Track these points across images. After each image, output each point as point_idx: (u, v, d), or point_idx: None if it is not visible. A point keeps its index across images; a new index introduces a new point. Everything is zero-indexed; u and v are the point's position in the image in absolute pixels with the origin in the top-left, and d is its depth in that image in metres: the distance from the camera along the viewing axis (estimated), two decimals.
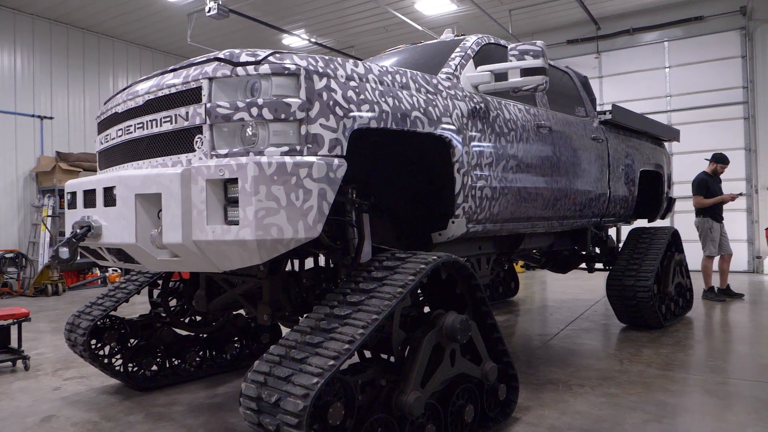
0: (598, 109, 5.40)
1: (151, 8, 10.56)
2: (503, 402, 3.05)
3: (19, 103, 10.39)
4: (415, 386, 2.49)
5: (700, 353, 4.54)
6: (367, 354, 2.75)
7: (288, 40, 12.55)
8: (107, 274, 10.45)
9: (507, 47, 3.67)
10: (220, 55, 2.49)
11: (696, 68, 10.98)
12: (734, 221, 9.96)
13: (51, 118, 10.85)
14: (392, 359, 2.63)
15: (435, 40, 4.36)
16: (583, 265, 6.11)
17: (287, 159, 2.31)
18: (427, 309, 2.91)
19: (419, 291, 2.92)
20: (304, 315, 2.66)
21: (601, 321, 5.97)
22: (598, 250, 6.00)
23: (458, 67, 3.58)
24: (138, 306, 6.48)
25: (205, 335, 4.27)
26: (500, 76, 3.49)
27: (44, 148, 10.70)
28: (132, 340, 3.93)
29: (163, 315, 4.01)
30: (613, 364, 4.24)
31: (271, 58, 2.44)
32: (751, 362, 4.23)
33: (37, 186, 10.47)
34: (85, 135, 11.43)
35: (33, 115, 10.58)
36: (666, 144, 6.81)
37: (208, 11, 9.33)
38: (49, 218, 9.92)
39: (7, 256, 9.54)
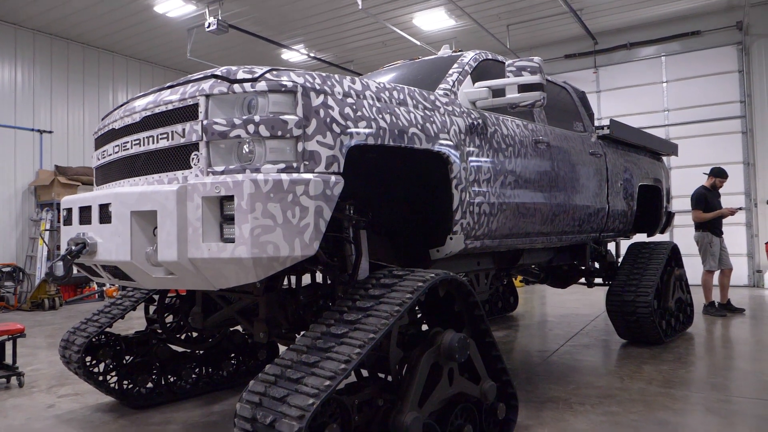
0: (596, 123, 5.40)
1: (152, 23, 10.64)
2: (502, 421, 3.01)
3: (18, 116, 10.42)
4: (412, 406, 2.45)
5: (701, 370, 4.50)
6: (364, 373, 2.72)
7: (287, 55, 12.63)
8: (105, 288, 10.41)
9: (504, 63, 3.68)
10: (217, 72, 2.49)
11: (693, 83, 11.04)
12: (734, 235, 9.95)
13: (50, 132, 10.88)
14: (389, 378, 2.59)
15: (433, 56, 4.37)
16: (583, 280, 6.08)
17: (284, 176, 2.30)
18: (425, 326, 2.88)
19: (417, 308, 2.89)
20: (301, 333, 2.63)
21: (601, 336, 5.93)
22: (597, 265, 5.98)
23: (456, 83, 3.58)
24: (135, 320, 6.43)
25: (201, 352, 4.22)
26: (498, 92, 3.49)
27: (43, 161, 10.72)
28: (127, 357, 3.89)
29: (159, 331, 3.97)
30: (614, 381, 4.20)
31: (268, 75, 2.44)
32: (754, 379, 4.19)
33: (36, 200, 10.47)
34: (84, 149, 11.46)
35: (32, 129, 10.61)
36: (664, 158, 6.82)
37: (208, 26, 9.41)
38: (47, 232, 9.90)
39: (4, 270, 9.50)
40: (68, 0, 9.50)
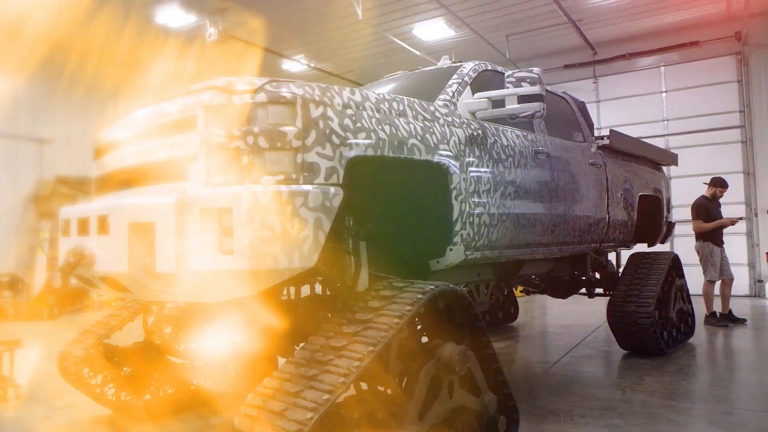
0: (596, 133, 5.40)
1: (152, 33, 10.67)
2: None
3: (19, 126, 10.42)
4: (412, 419, 2.43)
5: (703, 381, 4.47)
6: (364, 386, 2.69)
7: (287, 65, 12.68)
8: (103, 299, 10.36)
9: (504, 73, 3.68)
10: (216, 84, 2.48)
11: (692, 93, 11.07)
12: (734, 245, 9.92)
13: (51, 141, 10.88)
14: (389, 391, 2.57)
15: (432, 67, 4.38)
16: (583, 290, 6.05)
17: (283, 188, 2.29)
18: (424, 339, 2.85)
19: (416, 320, 2.86)
20: (300, 345, 2.61)
21: (602, 347, 5.90)
22: (598, 275, 5.95)
23: (455, 93, 3.58)
24: (133, 332, 6.39)
25: (199, 363, 4.19)
26: (497, 103, 3.49)
27: (43, 171, 10.71)
28: (125, 369, 3.86)
29: (158, 342, 3.94)
30: (616, 393, 4.17)
31: (267, 87, 2.43)
32: (756, 391, 4.16)
33: (36, 209, 10.44)
34: (85, 159, 11.43)
35: (33, 139, 10.61)
36: (664, 168, 6.82)
37: (209, 37, 9.45)
38: (47, 242, 9.88)
39: (3, 279, 9.47)
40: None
